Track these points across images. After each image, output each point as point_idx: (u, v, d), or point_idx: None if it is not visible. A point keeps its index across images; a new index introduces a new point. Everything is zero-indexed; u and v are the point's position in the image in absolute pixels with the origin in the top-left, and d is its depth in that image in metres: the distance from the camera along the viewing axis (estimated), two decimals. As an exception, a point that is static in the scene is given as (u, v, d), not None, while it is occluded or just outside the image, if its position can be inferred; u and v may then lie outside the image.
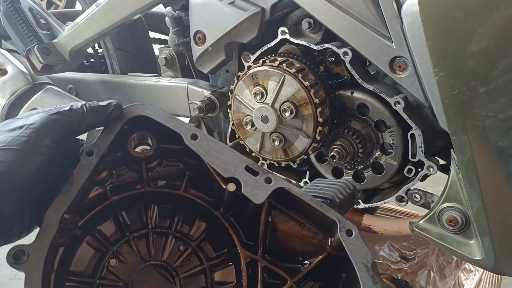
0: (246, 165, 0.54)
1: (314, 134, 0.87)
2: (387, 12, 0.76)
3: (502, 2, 0.61)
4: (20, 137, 0.50)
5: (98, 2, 1.08)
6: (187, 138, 0.55)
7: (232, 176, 0.53)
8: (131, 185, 0.61)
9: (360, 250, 0.50)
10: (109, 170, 0.59)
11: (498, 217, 0.74)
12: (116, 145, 0.58)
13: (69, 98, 1.16)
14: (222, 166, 0.54)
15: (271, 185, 0.53)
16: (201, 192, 0.62)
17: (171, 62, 1.22)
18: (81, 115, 0.55)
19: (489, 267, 0.77)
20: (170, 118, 0.56)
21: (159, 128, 0.57)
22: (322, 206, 0.53)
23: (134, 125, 0.58)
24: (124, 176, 0.61)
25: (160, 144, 0.60)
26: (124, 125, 0.57)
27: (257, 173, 0.54)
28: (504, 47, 0.62)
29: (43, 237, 0.49)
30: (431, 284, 1.24)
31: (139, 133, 0.59)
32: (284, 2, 0.89)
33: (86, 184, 0.55)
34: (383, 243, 1.36)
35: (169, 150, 0.61)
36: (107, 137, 0.56)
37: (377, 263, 1.36)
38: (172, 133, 0.56)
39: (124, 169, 0.61)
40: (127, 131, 0.58)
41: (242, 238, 0.61)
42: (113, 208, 0.61)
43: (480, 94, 0.66)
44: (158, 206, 0.63)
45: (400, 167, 0.88)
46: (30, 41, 1.12)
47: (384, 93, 0.83)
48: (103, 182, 0.59)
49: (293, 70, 0.85)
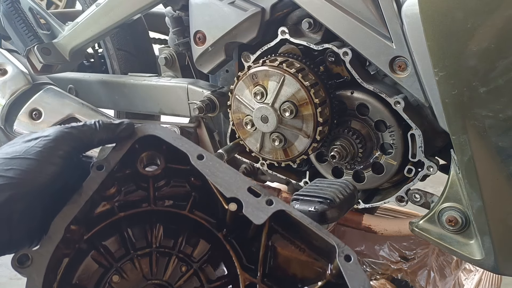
0: (249, 186, 0.55)
1: (314, 134, 0.87)
2: (387, 12, 0.76)
3: (502, 2, 0.61)
4: (35, 148, 0.53)
5: (98, 2, 1.08)
6: (193, 158, 0.57)
7: (234, 196, 0.55)
8: (138, 203, 0.63)
9: (358, 276, 0.50)
10: (118, 187, 0.61)
11: (498, 217, 0.74)
12: (126, 163, 0.60)
13: (69, 98, 1.16)
14: (225, 186, 0.55)
15: (272, 207, 0.54)
16: (205, 214, 0.63)
17: (171, 62, 1.22)
18: (93, 130, 0.57)
19: (489, 267, 0.77)
20: (179, 139, 0.59)
21: (168, 148, 0.60)
22: (321, 230, 0.53)
23: (144, 145, 0.61)
24: (132, 194, 0.63)
25: (168, 164, 0.62)
26: (135, 143, 0.59)
27: (259, 194, 0.55)
28: (504, 47, 0.62)
29: (48, 243, 0.51)
30: (431, 284, 1.24)
31: (149, 153, 0.61)
32: (284, 2, 0.89)
33: (95, 198, 0.57)
34: (383, 243, 1.36)
35: (176, 170, 0.62)
36: (117, 153, 0.58)
37: (377, 263, 1.37)
38: (180, 153, 0.58)
39: (133, 187, 0.63)
40: (137, 149, 0.61)
41: (243, 261, 0.61)
42: (119, 225, 0.62)
43: (480, 94, 0.66)
44: (163, 226, 0.64)
45: (400, 167, 0.88)
46: (30, 41, 1.12)
47: (384, 93, 0.83)
48: (111, 198, 0.61)
49: (293, 70, 0.85)
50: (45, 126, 1.13)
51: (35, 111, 1.14)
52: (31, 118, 1.14)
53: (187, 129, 1.15)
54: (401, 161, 0.88)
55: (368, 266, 1.38)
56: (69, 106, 1.14)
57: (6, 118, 1.16)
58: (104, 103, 1.27)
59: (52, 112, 1.14)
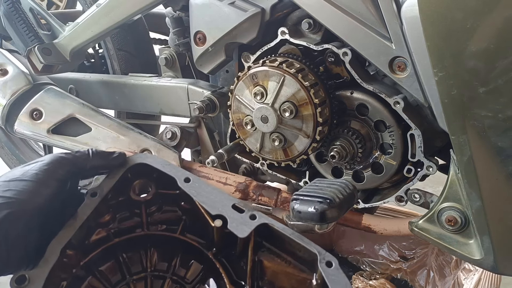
0: (233, 203, 0.59)
1: (314, 134, 0.87)
2: (387, 13, 0.76)
3: (501, 2, 0.61)
4: (31, 171, 0.57)
5: (99, 3, 1.08)
6: (181, 181, 0.62)
7: (219, 213, 0.58)
8: (132, 228, 0.67)
9: (339, 281, 0.52)
10: (113, 214, 0.65)
11: (497, 216, 0.74)
12: (120, 190, 0.64)
13: (70, 98, 1.16)
14: (211, 205, 0.59)
15: (255, 221, 0.57)
16: (195, 235, 0.67)
17: (172, 62, 1.22)
18: (86, 156, 0.62)
19: (489, 266, 0.77)
20: (167, 165, 0.64)
21: (158, 176, 0.65)
22: (302, 240, 0.56)
23: (136, 173, 0.65)
24: (126, 221, 0.67)
25: (159, 190, 0.66)
26: (127, 172, 0.64)
27: (242, 210, 0.59)
28: (504, 47, 0.63)
29: (44, 264, 0.54)
30: (431, 283, 1.24)
31: (141, 181, 0.66)
32: (284, 3, 0.90)
33: (91, 225, 0.61)
34: (382, 242, 1.36)
35: (167, 195, 0.67)
36: (110, 181, 0.62)
37: (377, 262, 1.37)
38: (169, 179, 0.63)
39: (126, 214, 0.67)
40: (129, 178, 0.65)
41: (233, 277, 0.63)
42: (115, 250, 0.65)
43: (479, 94, 0.66)
44: (157, 250, 0.68)
45: (399, 167, 0.88)
46: (30, 41, 1.12)
47: (384, 93, 0.83)
48: (106, 224, 0.65)
49: (293, 71, 0.85)
50: (45, 126, 1.14)
51: (35, 111, 1.14)
52: (31, 118, 1.15)
53: (187, 129, 1.16)
54: (400, 161, 0.88)
55: (368, 266, 1.38)
56: (69, 106, 1.14)
57: (7, 118, 1.16)
58: (104, 103, 1.27)
59: (52, 112, 1.14)
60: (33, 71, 1.16)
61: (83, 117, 1.13)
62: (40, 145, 1.91)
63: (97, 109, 1.15)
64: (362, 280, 1.26)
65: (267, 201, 1.02)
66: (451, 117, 0.69)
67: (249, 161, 1.05)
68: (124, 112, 1.40)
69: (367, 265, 1.38)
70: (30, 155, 1.88)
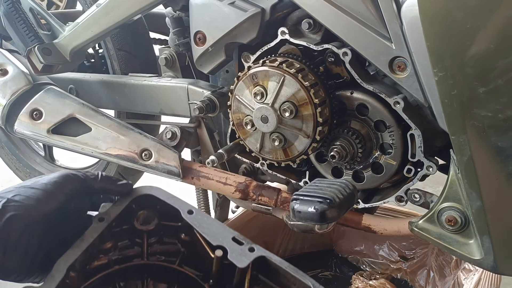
0: (233, 236, 0.62)
1: (314, 134, 0.87)
2: (387, 13, 0.76)
3: (501, 2, 0.61)
4: (42, 181, 0.60)
5: (99, 3, 1.08)
6: (184, 213, 0.65)
7: (220, 244, 0.61)
8: (132, 258, 0.69)
9: None
10: (115, 242, 0.68)
11: (497, 216, 0.74)
12: (124, 219, 0.68)
13: (70, 98, 1.16)
14: (212, 236, 0.62)
15: (253, 253, 0.60)
16: (193, 267, 0.69)
17: (172, 62, 1.22)
18: (95, 177, 0.66)
19: (489, 266, 0.77)
20: (172, 197, 0.68)
21: (162, 208, 0.68)
22: (297, 272, 0.58)
23: (141, 204, 0.69)
24: (127, 250, 0.69)
25: (161, 221, 0.69)
26: (133, 203, 0.68)
27: (242, 243, 0.62)
28: (504, 47, 0.63)
29: (50, 281, 0.56)
30: (431, 283, 1.24)
31: (145, 212, 0.69)
32: (284, 3, 0.90)
33: (94, 251, 0.64)
34: (382, 242, 1.36)
35: (168, 226, 0.70)
36: (117, 208, 0.66)
37: (377, 262, 1.37)
38: (172, 212, 0.66)
39: (128, 243, 0.70)
40: (134, 209, 0.69)
41: None
42: (113, 278, 0.67)
43: (479, 94, 0.66)
44: (154, 280, 0.70)
45: (399, 167, 0.88)
46: (30, 41, 1.12)
47: (384, 93, 0.83)
48: (108, 251, 0.67)
49: (293, 71, 0.85)
50: (45, 126, 1.14)
51: (35, 111, 1.14)
52: (31, 118, 1.15)
53: (187, 129, 1.16)
54: (400, 161, 0.88)
55: (368, 266, 1.38)
56: (69, 106, 1.14)
57: (7, 118, 1.16)
58: (104, 103, 1.27)
59: (52, 112, 1.14)
60: (33, 71, 1.16)
61: (83, 117, 1.13)
62: (40, 145, 1.91)
63: (97, 109, 1.15)
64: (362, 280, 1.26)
65: (267, 201, 1.02)
66: (451, 117, 0.69)
67: (249, 161, 1.05)
68: (124, 112, 1.40)
69: (367, 265, 1.38)
70: (30, 155, 1.88)
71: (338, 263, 1.41)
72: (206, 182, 1.07)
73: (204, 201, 1.33)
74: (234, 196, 1.05)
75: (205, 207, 1.33)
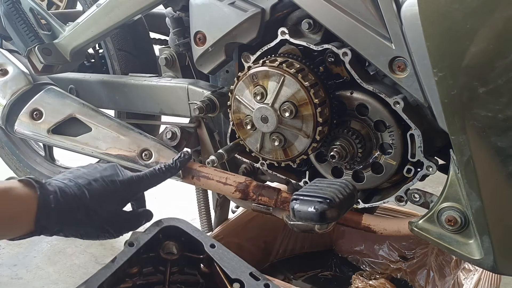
0: (250, 271, 0.68)
1: (314, 134, 0.87)
2: (387, 13, 0.76)
3: (501, 2, 0.61)
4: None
5: (99, 3, 1.08)
6: (207, 246, 0.72)
7: (238, 277, 0.67)
8: (154, 284, 0.76)
9: None
10: (140, 268, 0.75)
11: (497, 217, 0.74)
12: (151, 248, 0.75)
13: (70, 98, 1.16)
14: (231, 269, 0.68)
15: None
16: None
17: (172, 62, 1.22)
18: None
19: (488, 266, 0.77)
20: (197, 231, 0.75)
21: (186, 240, 0.75)
22: None
23: (168, 236, 0.76)
24: (150, 276, 0.76)
25: (184, 252, 0.76)
26: (160, 232, 0.75)
27: (258, 279, 0.67)
28: (504, 47, 0.63)
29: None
30: (431, 283, 1.24)
31: (170, 242, 0.76)
32: (284, 3, 0.90)
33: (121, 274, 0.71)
34: (382, 242, 1.36)
35: (191, 258, 0.77)
36: (146, 236, 0.74)
37: (377, 262, 1.37)
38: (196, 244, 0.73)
39: (151, 269, 0.76)
40: (161, 239, 0.76)
41: None
42: None
43: (479, 94, 0.66)
44: None
45: (399, 167, 0.88)
46: (31, 41, 1.12)
47: (384, 93, 0.83)
48: (133, 276, 0.74)
49: (293, 71, 0.85)
50: (46, 126, 1.14)
51: (36, 111, 1.15)
52: (32, 118, 1.15)
53: (187, 129, 1.16)
54: (400, 161, 0.88)
55: (368, 266, 1.38)
56: (69, 106, 1.14)
57: (7, 118, 1.16)
58: (104, 103, 1.27)
59: (53, 112, 1.14)
60: (33, 71, 1.16)
61: (83, 117, 1.13)
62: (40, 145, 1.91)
63: (97, 109, 1.15)
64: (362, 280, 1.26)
65: (267, 201, 1.02)
66: (451, 117, 0.70)
67: (249, 161, 1.05)
68: (124, 112, 1.40)
69: (367, 265, 1.38)
70: (30, 155, 1.88)
71: (338, 263, 1.41)
72: (206, 182, 1.07)
73: (204, 201, 1.32)
74: (234, 196, 1.05)
75: (205, 207, 1.33)
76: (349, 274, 1.35)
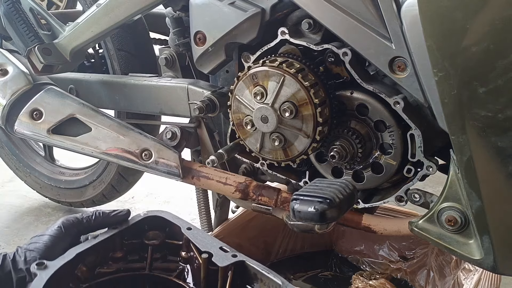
0: (220, 246, 0.74)
1: (314, 134, 0.87)
2: (387, 13, 0.76)
3: (501, 2, 0.61)
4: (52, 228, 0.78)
5: (99, 3, 1.08)
6: (184, 229, 0.79)
7: (207, 250, 0.73)
8: (137, 269, 0.81)
9: None
10: (125, 254, 0.81)
11: (497, 217, 0.74)
12: (135, 235, 0.82)
13: (70, 98, 1.16)
14: (203, 245, 0.75)
15: (235, 259, 0.71)
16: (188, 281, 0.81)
17: (172, 62, 1.22)
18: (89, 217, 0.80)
19: (488, 266, 0.77)
20: (178, 219, 0.83)
21: (170, 230, 0.83)
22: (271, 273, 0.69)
23: (152, 226, 0.84)
24: (134, 262, 0.82)
25: (166, 240, 0.83)
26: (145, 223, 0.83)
27: (227, 251, 0.73)
28: (504, 47, 0.63)
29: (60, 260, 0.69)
30: (431, 283, 1.24)
31: (153, 232, 0.83)
32: (284, 3, 0.90)
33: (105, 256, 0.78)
34: (382, 242, 1.36)
35: (171, 245, 0.83)
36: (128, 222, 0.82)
37: (377, 262, 1.37)
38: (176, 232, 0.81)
39: (136, 257, 0.82)
40: (146, 229, 0.83)
41: None
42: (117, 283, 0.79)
43: (479, 94, 0.66)
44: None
45: (399, 167, 0.88)
46: (31, 41, 1.12)
47: (384, 93, 0.83)
48: (118, 260, 0.80)
49: (293, 71, 0.85)
50: (46, 126, 1.14)
51: (36, 111, 1.14)
52: (32, 118, 1.15)
53: (187, 129, 1.16)
54: (400, 161, 0.88)
55: (368, 266, 1.38)
56: (69, 106, 1.14)
57: (7, 118, 1.16)
58: (104, 103, 1.27)
59: (53, 112, 1.14)
60: (33, 71, 1.16)
61: (83, 117, 1.13)
62: (40, 145, 1.91)
63: (97, 109, 1.15)
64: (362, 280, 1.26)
65: (267, 201, 1.02)
66: (451, 117, 0.70)
67: (249, 161, 1.05)
68: (124, 112, 1.40)
69: (367, 265, 1.38)
70: (30, 155, 1.88)
71: (338, 263, 1.41)
72: (206, 182, 1.07)
73: (204, 201, 1.32)
74: (234, 196, 1.05)
75: (205, 207, 1.33)
76: (349, 274, 1.34)
